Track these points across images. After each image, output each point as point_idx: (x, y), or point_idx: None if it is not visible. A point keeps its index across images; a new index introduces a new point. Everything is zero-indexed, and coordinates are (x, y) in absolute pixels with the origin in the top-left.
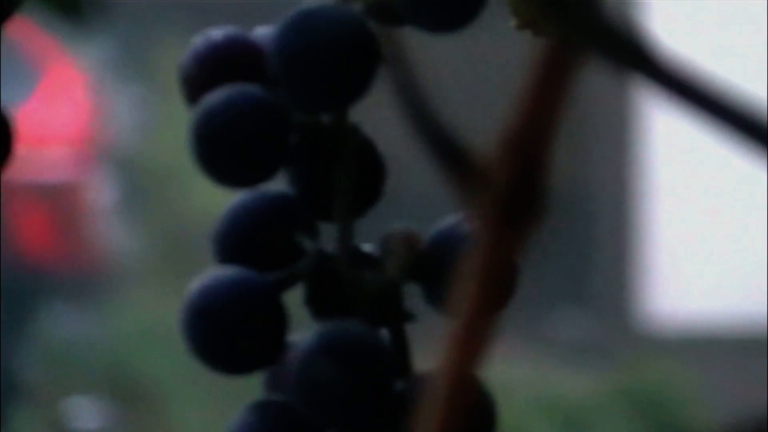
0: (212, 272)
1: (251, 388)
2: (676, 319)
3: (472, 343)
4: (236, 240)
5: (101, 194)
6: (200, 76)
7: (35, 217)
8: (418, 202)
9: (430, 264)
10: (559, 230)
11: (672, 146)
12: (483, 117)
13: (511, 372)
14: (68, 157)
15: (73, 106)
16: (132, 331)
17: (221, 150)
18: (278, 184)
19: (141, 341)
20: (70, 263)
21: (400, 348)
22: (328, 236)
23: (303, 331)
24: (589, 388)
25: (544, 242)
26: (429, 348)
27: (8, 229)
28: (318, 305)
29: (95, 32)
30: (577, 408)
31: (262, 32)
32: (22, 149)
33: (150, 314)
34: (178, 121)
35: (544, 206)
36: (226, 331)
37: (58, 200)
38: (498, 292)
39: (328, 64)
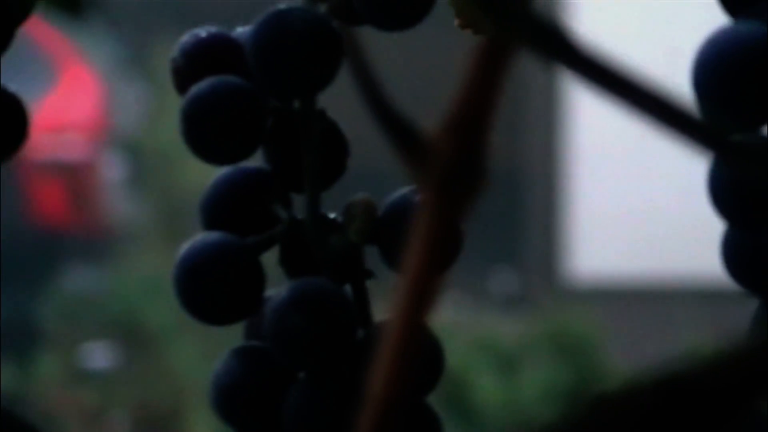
0: (199, 237)
1: (239, 334)
2: (593, 276)
3: (420, 296)
4: (220, 209)
5: (110, 171)
6: (188, 69)
7: (55, 190)
8: (375, 176)
9: (386, 229)
10: (496, 199)
11: (594, 126)
12: (429, 102)
13: (455, 318)
14: (82, 140)
15: (86, 98)
16: (136, 286)
17: (206, 132)
18: (256, 161)
19: (144, 294)
20: (83, 228)
21: (361, 301)
22: (299, 205)
23: (278, 286)
24: (520, 333)
25: (483, 210)
26: (387, 301)
27: (32, 200)
28: (290, 265)
29: (103, 35)
30: (509, 349)
31: (242, 30)
32: (44, 134)
33: (151, 271)
34: (174, 110)
35: (482, 178)
36: (210, 287)
37: (74, 176)
38: (442, 252)
39: (297, 57)
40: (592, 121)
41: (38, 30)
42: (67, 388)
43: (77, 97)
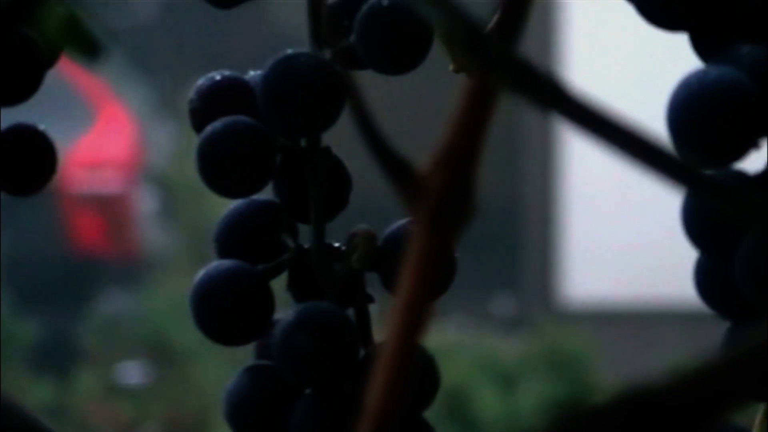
0: (214, 264)
1: None
2: (585, 300)
3: (413, 318)
4: (233, 238)
5: (142, 203)
6: (203, 109)
7: (92, 220)
8: (376, 209)
9: (386, 257)
10: (497, 231)
11: (586, 165)
12: (421, 140)
13: (459, 338)
14: (118, 175)
15: (122, 136)
16: (166, 308)
17: (220, 168)
18: (266, 194)
19: (173, 316)
20: (118, 256)
21: (363, 323)
22: (305, 235)
23: (286, 310)
24: (518, 352)
25: (485, 240)
26: (384, 323)
27: (71, 229)
28: (298, 290)
29: (137, 79)
30: (508, 366)
31: (253, 74)
32: (82, 169)
33: (180, 295)
34: None
35: (471, 211)
36: (223, 310)
37: (110, 208)
38: (433, 278)
39: (303, 100)
40: (584, 161)
41: (77, 74)
42: (104, 402)
43: (113, 136)
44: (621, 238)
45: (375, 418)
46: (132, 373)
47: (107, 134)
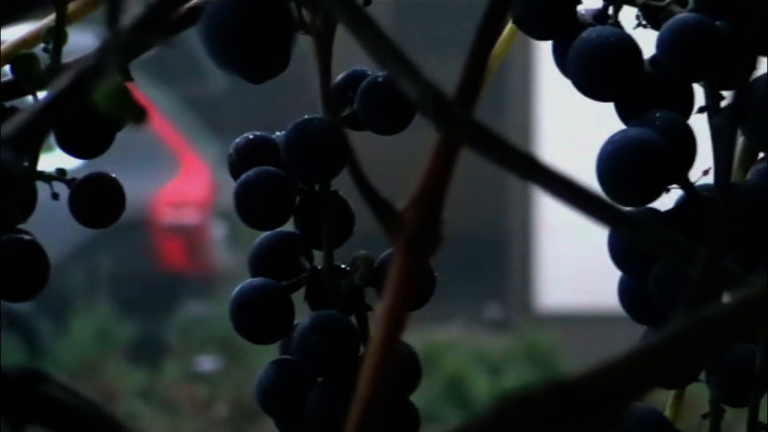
0: (247, 281)
1: None
2: (556, 306)
3: (394, 322)
4: (262, 261)
5: (214, 232)
6: (239, 161)
7: (176, 244)
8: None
9: (380, 276)
10: (487, 254)
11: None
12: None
13: (457, 337)
14: (196, 210)
15: (199, 181)
16: None
17: (252, 207)
18: (288, 227)
19: None
20: (195, 272)
21: (363, 326)
22: (318, 259)
23: (303, 316)
24: (503, 348)
25: (477, 261)
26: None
27: (160, 252)
28: (312, 301)
29: (211, 137)
30: (495, 359)
31: (278, 134)
32: (169, 206)
33: None
34: None
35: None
36: (254, 317)
37: (190, 235)
38: (409, 292)
39: (316, 154)
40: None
41: (167, 133)
42: (184, 386)
43: (192, 181)
44: (583, 258)
45: (364, 402)
46: (206, 363)
47: (188, 180)
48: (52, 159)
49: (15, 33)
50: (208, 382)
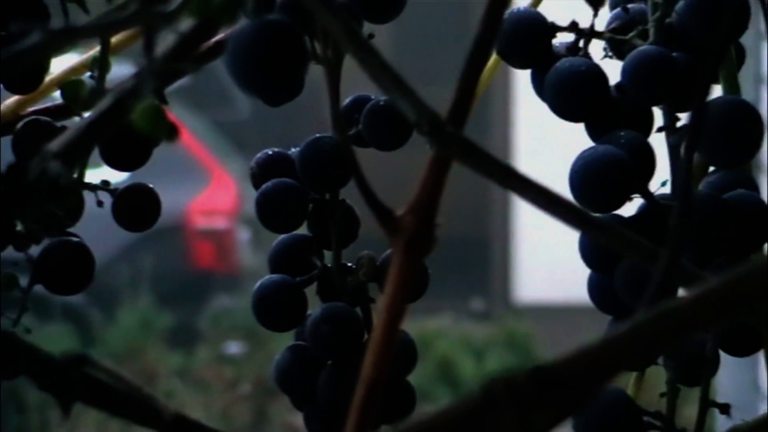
0: (266, 277)
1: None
2: (532, 299)
3: (394, 313)
4: (280, 260)
5: (240, 236)
6: (260, 174)
7: (208, 246)
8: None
9: (383, 273)
10: (471, 253)
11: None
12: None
13: (447, 325)
14: (224, 217)
15: (227, 193)
16: None
17: (271, 213)
18: (302, 230)
19: None
20: (224, 270)
21: (367, 317)
22: (328, 258)
23: (315, 308)
24: (486, 335)
25: (463, 260)
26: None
27: (193, 253)
28: (323, 295)
29: (236, 154)
30: (480, 345)
31: (294, 150)
32: (201, 214)
33: None
34: None
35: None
36: (273, 308)
37: (219, 238)
38: (407, 287)
39: (327, 167)
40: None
41: (200, 152)
42: (214, 368)
43: (221, 193)
44: (556, 258)
45: (368, 382)
46: (233, 348)
47: (217, 191)
48: (102, 173)
49: (65, 62)
50: (234, 364)
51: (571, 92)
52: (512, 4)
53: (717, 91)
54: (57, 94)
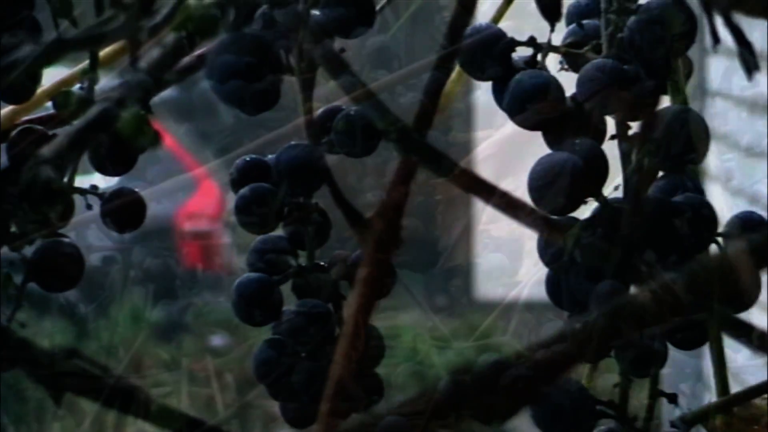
0: (245, 275)
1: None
2: (496, 295)
3: (363, 308)
4: (257, 259)
5: (224, 238)
6: (239, 178)
7: (194, 246)
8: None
9: (353, 271)
10: (436, 250)
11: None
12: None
13: (417, 320)
14: (209, 221)
15: (212, 199)
16: None
17: (248, 215)
18: (278, 232)
19: None
20: (210, 269)
21: (338, 312)
22: (303, 257)
23: (290, 304)
24: (450, 329)
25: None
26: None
27: (182, 253)
28: (298, 292)
29: (221, 162)
30: (444, 339)
31: (270, 156)
32: (189, 217)
33: None
34: None
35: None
36: (250, 304)
37: (205, 239)
38: (376, 285)
39: (300, 173)
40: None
41: (188, 161)
42: (200, 359)
43: (207, 199)
44: (519, 253)
45: (340, 373)
46: (216, 341)
47: (203, 197)
48: (92, 179)
49: (56, 75)
50: (217, 356)
51: (529, 103)
52: (474, 21)
53: (666, 101)
54: (49, 104)
